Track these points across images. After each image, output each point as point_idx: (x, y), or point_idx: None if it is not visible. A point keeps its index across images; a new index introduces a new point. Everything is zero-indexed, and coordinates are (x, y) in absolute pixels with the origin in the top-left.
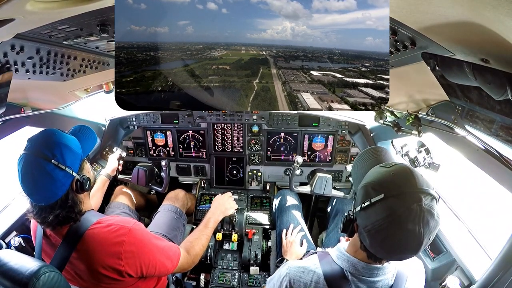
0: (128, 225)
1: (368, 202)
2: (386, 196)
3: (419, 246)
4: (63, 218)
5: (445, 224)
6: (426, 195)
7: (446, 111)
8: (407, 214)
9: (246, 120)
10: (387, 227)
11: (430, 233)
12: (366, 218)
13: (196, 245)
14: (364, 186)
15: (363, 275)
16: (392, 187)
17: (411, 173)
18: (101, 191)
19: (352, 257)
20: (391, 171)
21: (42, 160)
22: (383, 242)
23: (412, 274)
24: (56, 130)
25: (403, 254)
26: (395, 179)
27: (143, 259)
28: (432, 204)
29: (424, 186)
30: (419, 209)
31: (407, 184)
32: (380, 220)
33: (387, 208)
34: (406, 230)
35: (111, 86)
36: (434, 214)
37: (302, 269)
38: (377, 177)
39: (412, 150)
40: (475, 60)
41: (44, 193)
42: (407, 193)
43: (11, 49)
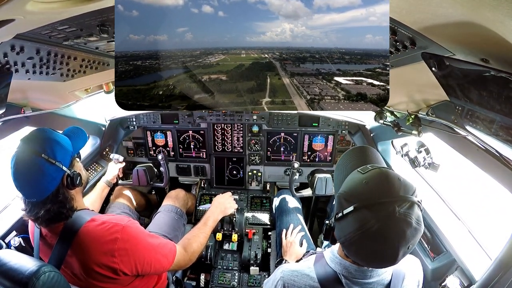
0: (121, 223)
1: (341, 214)
2: (356, 207)
3: (395, 257)
4: (54, 213)
5: (445, 224)
6: (402, 202)
7: (446, 111)
8: (379, 226)
9: (246, 120)
10: (359, 240)
11: (408, 242)
12: (340, 229)
13: (193, 243)
14: (338, 196)
15: (356, 278)
16: (364, 197)
17: (386, 180)
18: (100, 198)
19: (344, 260)
20: (364, 179)
21: (33, 155)
22: (358, 253)
23: (410, 272)
24: (47, 129)
25: (381, 264)
26: (367, 189)
27: (137, 257)
28: (409, 212)
29: (400, 193)
30: (393, 220)
31: (380, 193)
32: (351, 232)
33: (358, 220)
34: (379, 242)
35: (111, 86)
36: (412, 222)
37: (296, 273)
38: (350, 186)
39: (412, 150)
40: (475, 60)
41: (35, 187)
42: (379, 204)
43: (11, 50)
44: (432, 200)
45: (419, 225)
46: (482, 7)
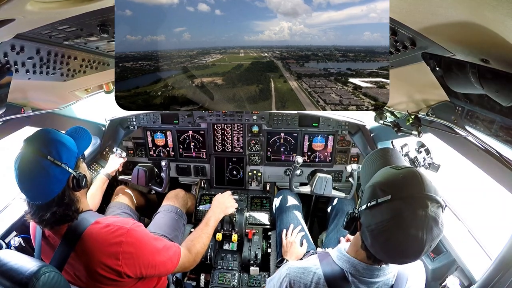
0: (126, 226)
1: (375, 202)
2: (393, 197)
3: (420, 252)
4: (60, 216)
5: (445, 224)
6: (433, 202)
7: (446, 111)
8: (412, 218)
9: (246, 120)
10: (390, 229)
11: (433, 240)
12: (371, 217)
13: (197, 244)
14: (372, 185)
15: (363, 276)
16: (400, 189)
17: (420, 178)
18: (101, 190)
19: (353, 258)
20: (401, 174)
21: (38, 157)
22: (385, 244)
23: (413, 274)
24: (51, 129)
25: (403, 259)
26: (403, 182)
27: (142, 260)
28: (438, 212)
29: (432, 193)
30: (425, 215)
31: (415, 188)
32: (384, 221)
33: (393, 210)
34: (409, 234)
35: (111, 86)
36: (439, 222)
37: (303, 269)
38: (386, 178)
39: (412, 151)
40: (475, 60)
41: (40, 190)
42: (414, 197)
43: (11, 49)
44: None
45: (443, 227)
46: (482, 7)
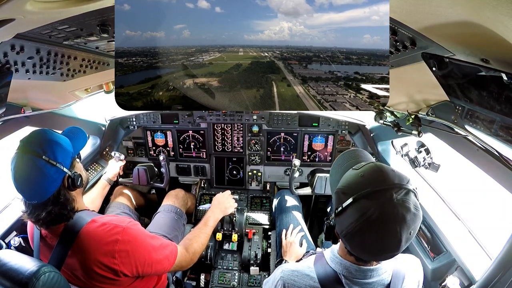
0: (122, 224)
1: (341, 207)
2: (355, 198)
3: (399, 242)
4: (55, 215)
5: (445, 224)
6: (398, 189)
7: (446, 111)
8: (379, 212)
9: (246, 120)
10: (360, 229)
11: (409, 227)
12: (341, 223)
13: (195, 243)
14: (336, 192)
15: (356, 278)
16: (361, 188)
17: (380, 171)
18: (101, 195)
19: (345, 260)
20: (360, 173)
21: (33, 157)
22: (361, 244)
23: (410, 272)
24: (47, 130)
25: (385, 253)
26: (364, 180)
27: (138, 258)
28: (406, 198)
29: (395, 181)
30: (391, 205)
31: (376, 182)
32: (353, 222)
33: (358, 210)
34: (380, 230)
35: (111, 86)
36: (410, 208)
37: (297, 272)
38: (347, 181)
39: (412, 150)
40: (475, 60)
41: (36, 189)
42: (376, 192)
43: (11, 49)
44: (432, 200)
45: (418, 210)
46: (482, 7)
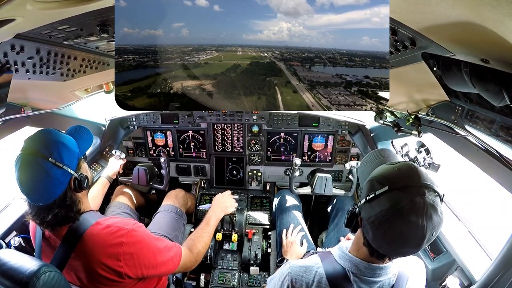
0: (127, 227)
1: (373, 194)
2: (390, 188)
3: (422, 239)
4: (61, 217)
5: (445, 224)
6: (430, 190)
7: (446, 111)
8: (411, 206)
9: (246, 120)
10: (390, 218)
11: (434, 228)
12: (370, 210)
13: (198, 243)
14: (370, 180)
15: (365, 275)
16: (397, 180)
17: (416, 169)
18: (102, 193)
19: (355, 257)
20: (397, 167)
21: (40, 158)
22: (386, 234)
23: (414, 275)
24: (53, 130)
25: (406, 248)
26: (400, 174)
27: (143, 261)
28: (436, 200)
29: (428, 182)
30: (423, 202)
31: (411, 178)
32: (383, 211)
33: (391, 200)
34: (409, 222)
35: (111, 86)
36: (438, 210)
37: (304, 268)
38: (383, 172)
39: (412, 150)
40: (475, 60)
41: (42, 192)
42: (411, 186)
43: (11, 49)
44: None
45: (442, 215)
46: (482, 7)
